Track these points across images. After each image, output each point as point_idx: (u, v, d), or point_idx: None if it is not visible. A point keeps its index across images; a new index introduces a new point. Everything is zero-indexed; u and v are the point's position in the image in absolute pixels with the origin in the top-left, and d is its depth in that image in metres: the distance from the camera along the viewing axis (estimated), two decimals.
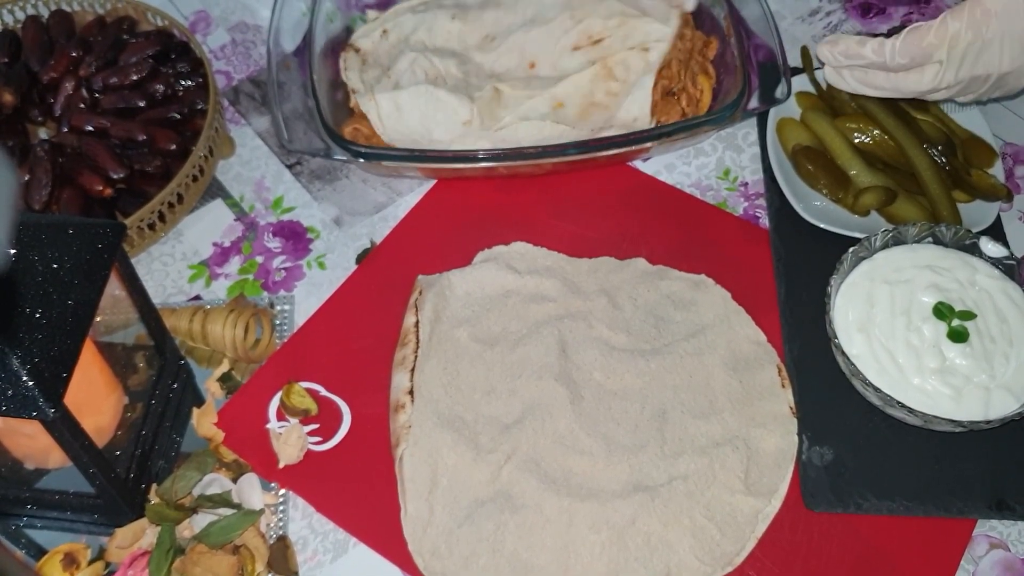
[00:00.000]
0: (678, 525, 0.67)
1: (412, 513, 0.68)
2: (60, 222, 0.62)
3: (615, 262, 0.82)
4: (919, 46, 0.74)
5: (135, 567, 0.66)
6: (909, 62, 0.75)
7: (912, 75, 0.76)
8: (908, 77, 0.76)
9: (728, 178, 0.89)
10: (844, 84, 0.81)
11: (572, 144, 0.81)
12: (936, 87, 0.76)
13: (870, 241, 0.75)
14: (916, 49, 0.74)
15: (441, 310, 0.78)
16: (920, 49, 0.74)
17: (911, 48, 0.74)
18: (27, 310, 0.57)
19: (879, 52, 0.76)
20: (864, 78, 0.79)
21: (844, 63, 0.79)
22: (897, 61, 0.75)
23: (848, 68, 0.79)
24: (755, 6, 0.88)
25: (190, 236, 0.86)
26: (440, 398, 0.73)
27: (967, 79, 0.75)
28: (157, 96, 0.88)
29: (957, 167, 0.82)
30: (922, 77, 0.76)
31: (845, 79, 0.80)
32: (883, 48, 0.75)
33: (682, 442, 0.71)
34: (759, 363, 0.75)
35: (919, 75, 0.76)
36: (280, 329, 0.79)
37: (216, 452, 0.72)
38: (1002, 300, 0.72)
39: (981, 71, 0.74)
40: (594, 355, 0.75)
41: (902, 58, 0.75)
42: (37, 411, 0.56)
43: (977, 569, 0.69)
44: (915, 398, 0.68)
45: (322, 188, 0.89)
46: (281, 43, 0.86)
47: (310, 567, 0.69)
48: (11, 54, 0.90)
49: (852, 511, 0.69)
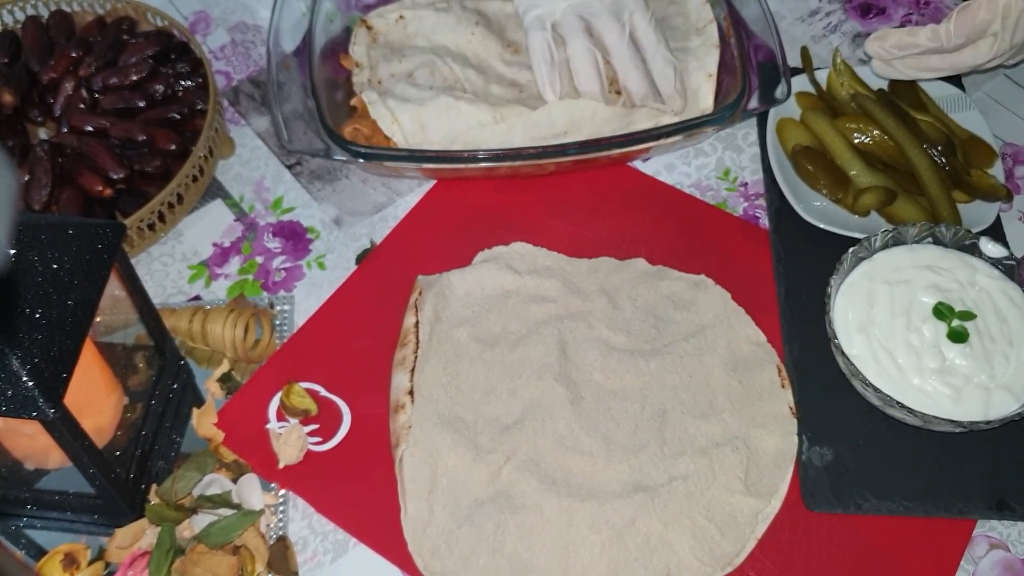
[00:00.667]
0: (678, 525, 0.67)
1: (412, 513, 0.68)
2: (60, 222, 0.62)
3: (615, 262, 0.82)
4: (973, 23, 0.76)
5: (135, 567, 0.66)
6: (965, 40, 0.77)
7: (968, 51, 0.78)
8: (964, 54, 0.79)
9: (728, 178, 0.89)
10: (896, 74, 0.83)
11: (572, 144, 0.81)
12: (993, 57, 0.78)
13: (870, 241, 0.75)
14: (970, 27, 0.76)
15: (441, 310, 0.78)
16: (974, 26, 0.76)
17: (965, 27, 0.76)
18: (27, 310, 0.57)
19: (934, 38, 0.78)
20: (918, 64, 0.81)
21: (897, 55, 0.81)
22: (954, 42, 0.77)
23: (900, 59, 0.82)
24: (755, 6, 0.87)
25: (190, 236, 0.86)
26: (440, 398, 0.73)
27: (1020, 43, 0.77)
28: (157, 96, 0.88)
29: (957, 167, 0.82)
30: (978, 51, 0.78)
31: (898, 69, 0.83)
32: (937, 34, 0.78)
33: (682, 442, 0.71)
34: (759, 363, 0.75)
35: (974, 50, 0.78)
36: (280, 329, 0.79)
37: (216, 452, 0.72)
38: (1002, 300, 0.72)
39: None
40: (594, 355, 0.75)
41: (958, 38, 0.77)
42: (37, 411, 0.56)
43: (977, 569, 0.69)
44: (915, 398, 0.68)
45: (322, 188, 0.89)
46: (281, 43, 0.86)
47: (310, 567, 0.69)
48: (11, 54, 0.90)
49: (852, 511, 0.69)
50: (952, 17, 0.77)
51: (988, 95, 0.95)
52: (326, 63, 0.89)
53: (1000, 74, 0.97)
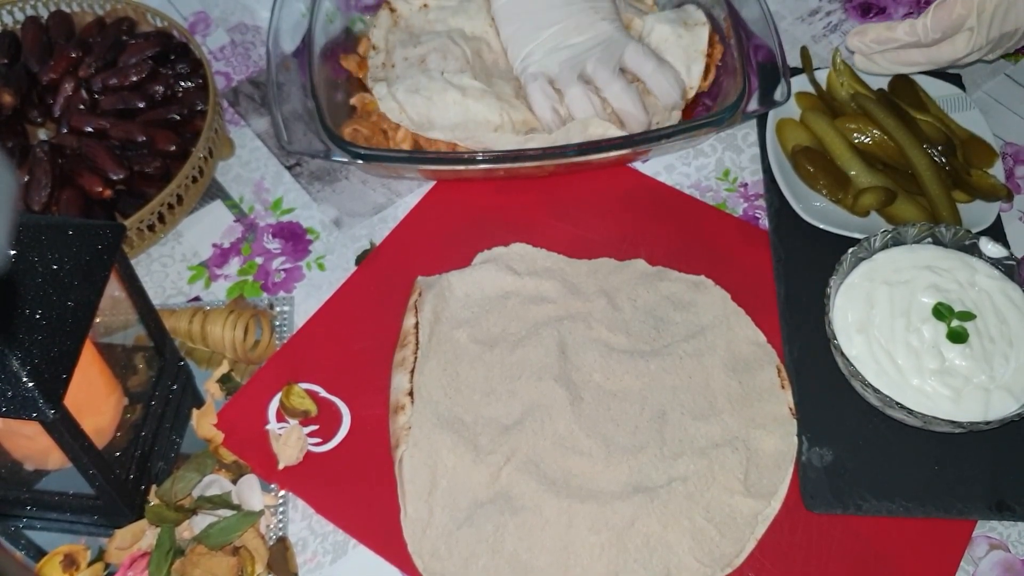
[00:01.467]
0: (677, 526, 0.67)
1: (412, 514, 0.68)
2: (60, 223, 0.62)
3: (614, 263, 0.82)
4: (949, 18, 0.78)
5: (135, 568, 0.66)
6: (942, 35, 0.79)
7: (945, 46, 0.80)
8: (942, 48, 0.81)
9: (728, 179, 0.89)
10: (877, 68, 0.85)
11: (572, 146, 0.81)
12: (970, 51, 0.80)
13: (870, 242, 0.75)
14: (947, 21, 0.78)
15: (441, 311, 0.78)
16: (951, 21, 0.78)
17: (942, 22, 0.78)
18: (27, 311, 0.57)
19: (911, 32, 0.80)
20: (897, 58, 0.83)
21: (877, 49, 0.83)
22: (931, 37, 0.79)
23: (880, 53, 0.84)
24: (755, 6, 0.87)
25: (190, 237, 0.86)
26: (440, 399, 0.73)
27: (997, 37, 0.79)
28: (157, 97, 0.88)
29: (957, 167, 0.82)
30: (955, 46, 0.80)
31: (878, 63, 0.85)
32: (915, 28, 0.80)
33: (682, 443, 0.71)
34: (759, 364, 0.75)
35: (951, 45, 0.80)
36: (280, 330, 0.79)
37: (216, 453, 0.72)
38: (1002, 301, 0.72)
39: (1010, 27, 0.79)
40: (594, 356, 0.75)
41: (935, 33, 0.79)
42: (37, 412, 0.56)
43: (977, 570, 0.69)
44: (914, 399, 0.68)
45: (322, 189, 0.89)
46: (281, 44, 0.86)
47: (310, 568, 0.69)
48: (11, 55, 0.90)
49: (852, 512, 0.69)
50: (929, 12, 0.79)
51: (988, 95, 0.95)
52: (326, 63, 0.89)
53: (1000, 73, 0.97)
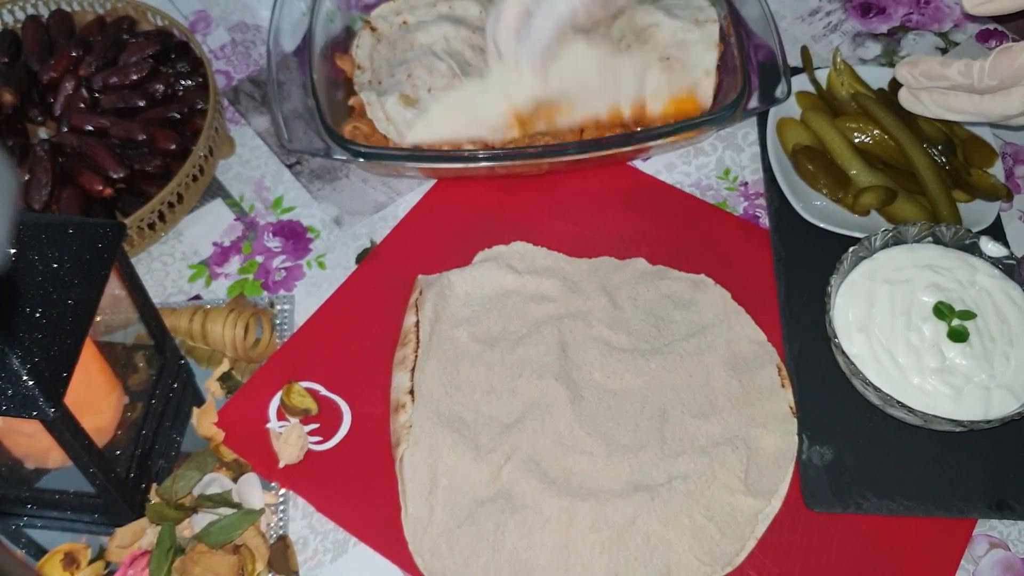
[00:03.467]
0: (678, 525, 0.67)
1: (412, 513, 0.68)
2: (60, 222, 0.62)
3: (615, 262, 0.82)
4: (1011, 67, 0.69)
5: (135, 567, 0.66)
6: (998, 84, 0.70)
7: (999, 97, 0.71)
8: (995, 100, 0.71)
9: (728, 178, 0.89)
10: (922, 108, 0.76)
11: (572, 144, 0.81)
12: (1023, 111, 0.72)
13: (870, 241, 0.75)
14: (1007, 70, 0.69)
15: (441, 310, 0.78)
16: (1011, 70, 0.69)
17: (1002, 69, 0.69)
18: (27, 310, 0.57)
19: (966, 74, 0.71)
20: (944, 101, 0.74)
21: (925, 84, 0.74)
22: (986, 83, 0.70)
23: (928, 90, 0.75)
24: (755, 6, 0.87)
25: (190, 236, 0.86)
26: (440, 398, 0.73)
27: None
28: (157, 96, 0.88)
29: (957, 167, 0.82)
30: (1009, 100, 0.71)
31: (924, 102, 0.75)
32: (971, 69, 0.70)
33: (682, 442, 0.71)
34: (759, 363, 0.75)
35: (1006, 98, 0.71)
36: (280, 329, 0.79)
37: (216, 452, 0.72)
38: (1002, 300, 0.72)
39: None
40: (594, 355, 0.75)
41: (991, 79, 0.69)
42: (37, 411, 0.56)
43: (977, 569, 0.69)
44: (915, 398, 0.68)
45: (322, 188, 0.89)
46: (281, 43, 0.86)
47: (310, 567, 0.69)
48: (11, 54, 0.90)
49: (852, 511, 0.69)
50: (991, 56, 0.70)
51: None
52: (326, 62, 0.89)
53: None
